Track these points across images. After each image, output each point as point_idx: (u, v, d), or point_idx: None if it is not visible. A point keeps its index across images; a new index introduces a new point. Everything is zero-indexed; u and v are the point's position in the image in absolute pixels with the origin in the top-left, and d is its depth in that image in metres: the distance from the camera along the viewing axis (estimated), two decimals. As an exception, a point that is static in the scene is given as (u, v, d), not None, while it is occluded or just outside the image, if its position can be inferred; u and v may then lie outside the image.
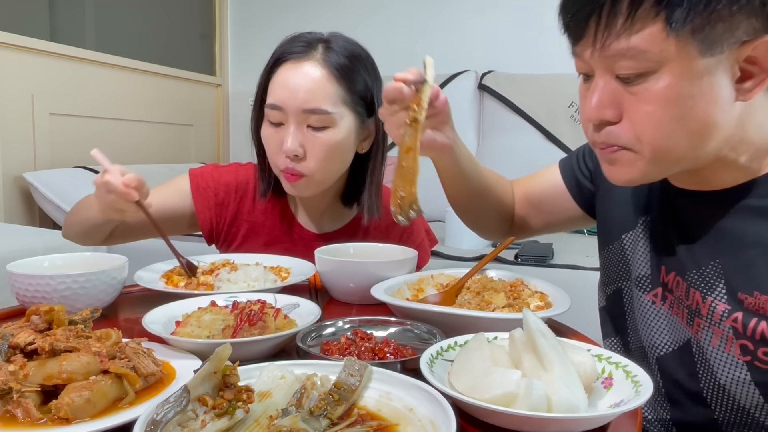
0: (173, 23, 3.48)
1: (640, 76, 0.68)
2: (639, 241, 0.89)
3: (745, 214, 0.74)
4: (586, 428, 0.54)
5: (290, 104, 1.07)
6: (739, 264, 0.73)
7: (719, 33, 0.65)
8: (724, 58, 0.66)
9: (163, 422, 0.47)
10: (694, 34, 0.64)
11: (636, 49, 0.66)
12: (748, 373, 0.73)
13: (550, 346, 0.58)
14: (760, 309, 0.71)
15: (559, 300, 0.85)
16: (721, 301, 0.74)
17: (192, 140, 3.40)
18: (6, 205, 2.34)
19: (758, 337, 0.71)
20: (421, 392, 0.55)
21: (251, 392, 0.53)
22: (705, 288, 0.76)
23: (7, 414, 0.54)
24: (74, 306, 0.83)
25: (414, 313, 0.80)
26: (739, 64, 0.67)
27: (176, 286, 0.98)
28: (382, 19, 3.38)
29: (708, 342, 0.76)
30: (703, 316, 0.76)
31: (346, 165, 1.17)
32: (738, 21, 0.65)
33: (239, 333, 0.71)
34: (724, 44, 0.65)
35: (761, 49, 0.66)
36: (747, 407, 0.76)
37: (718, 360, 0.76)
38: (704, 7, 0.63)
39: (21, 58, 2.36)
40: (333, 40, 1.12)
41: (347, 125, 1.11)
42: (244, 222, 1.25)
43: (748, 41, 0.66)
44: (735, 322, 0.73)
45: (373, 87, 1.15)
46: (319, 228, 1.26)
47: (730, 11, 0.64)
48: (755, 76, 0.68)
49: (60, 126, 2.53)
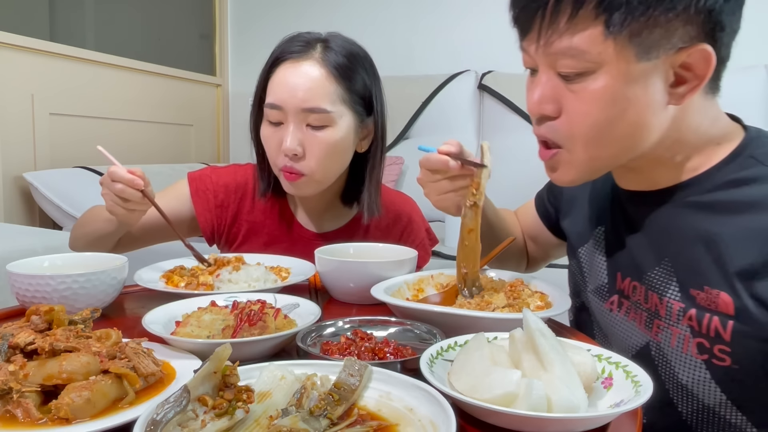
0: (173, 23, 3.48)
1: (579, 75, 0.70)
2: (594, 253, 0.91)
3: (687, 210, 0.76)
4: (586, 428, 0.54)
5: (289, 103, 1.07)
6: (687, 261, 0.75)
7: (656, 38, 0.67)
8: (659, 63, 0.68)
9: (163, 422, 0.47)
10: (632, 38, 0.67)
11: (576, 49, 0.69)
12: (707, 372, 0.74)
13: (550, 346, 0.58)
14: (711, 304, 0.72)
15: (559, 300, 0.85)
16: (676, 300, 0.76)
17: (192, 140, 3.40)
18: (6, 205, 2.34)
19: (713, 333, 0.72)
20: (421, 392, 0.55)
21: (251, 392, 0.53)
22: (660, 288, 0.78)
23: (7, 414, 0.54)
24: (74, 306, 0.83)
25: (414, 313, 0.80)
26: (674, 69, 0.69)
27: (176, 286, 0.98)
28: (382, 19, 3.38)
29: (667, 343, 0.78)
30: (662, 317, 0.78)
31: (345, 164, 1.17)
32: (674, 28, 0.67)
33: (239, 333, 0.71)
34: (661, 49, 0.68)
35: (695, 57, 0.68)
36: (712, 406, 0.77)
37: (679, 361, 0.77)
38: (642, 12, 0.66)
39: (21, 58, 2.36)
40: (331, 40, 1.13)
41: (346, 124, 1.11)
42: (244, 222, 1.25)
43: (683, 48, 0.68)
44: (690, 320, 0.74)
45: (372, 86, 1.16)
46: (319, 227, 1.26)
47: (667, 18, 0.66)
48: (689, 82, 0.70)
49: (60, 126, 2.53)
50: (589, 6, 0.67)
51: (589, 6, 0.67)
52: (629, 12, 0.66)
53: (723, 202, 0.74)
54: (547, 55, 0.72)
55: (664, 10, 0.66)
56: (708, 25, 0.68)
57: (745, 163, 0.74)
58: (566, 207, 1.02)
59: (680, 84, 0.71)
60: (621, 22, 0.66)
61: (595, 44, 0.68)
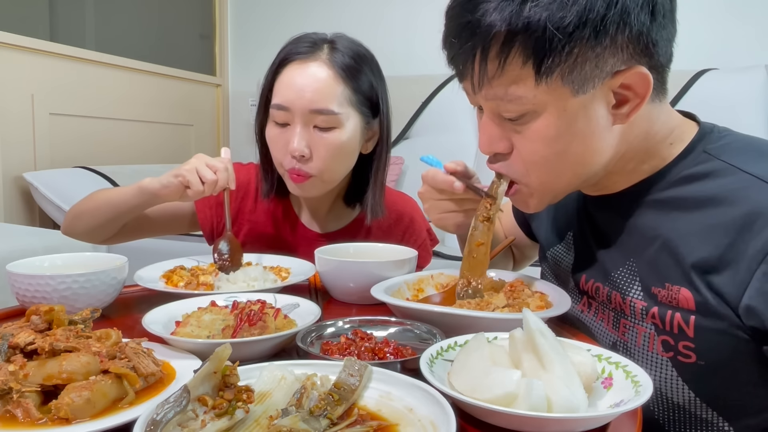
0: (173, 23, 3.48)
1: (522, 116, 0.72)
2: (563, 257, 0.93)
3: (646, 209, 0.78)
4: (586, 428, 0.54)
5: (297, 104, 1.07)
6: (648, 259, 0.76)
7: (588, 73, 0.68)
8: (597, 91, 0.69)
9: (163, 422, 0.47)
10: (564, 78, 0.68)
11: (512, 95, 0.70)
12: (674, 370, 0.75)
13: (550, 346, 0.58)
14: (672, 300, 0.72)
15: (559, 300, 0.85)
16: (638, 299, 0.77)
17: (192, 140, 3.40)
18: (6, 205, 2.34)
19: (676, 329, 0.72)
20: (421, 392, 0.55)
21: (251, 392, 0.53)
22: (623, 288, 0.79)
23: (7, 414, 0.54)
24: (74, 306, 0.83)
25: (414, 313, 0.80)
26: (614, 90, 0.70)
27: (176, 286, 0.98)
28: (382, 19, 3.38)
29: (634, 342, 0.78)
30: (628, 316, 0.79)
31: (351, 165, 1.17)
32: (605, 59, 0.68)
33: (239, 333, 0.71)
34: (595, 80, 0.69)
35: (633, 79, 0.69)
36: (681, 404, 0.77)
37: (645, 360, 0.77)
38: (568, 53, 0.66)
39: (21, 58, 2.36)
40: (338, 41, 1.12)
41: (353, 126, 1.11)
42: (246, 222, 1.24)
43: (619, 71, 0.69)
44: (654, 318, 0.75)
45: (378, 87, 1.15)
46: (323, 228, 1.26)
47: (595, 53, 0.67)
48: (630, 101, 0.71)
49: (60, 126, 2.54)
50: (515, 55, 0.67)
51: (515, 55, 0.67)
52: (554, 56, 0.66)
53: (679, 199, 0.75)
54: (487, 100, 0.74)
55: (590, 47, 0.66)
56: (639, 47, 0.68)
57: (698, 158, 0.75)
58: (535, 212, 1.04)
59: (623, 104, 0.71)
60: (549, 68, 0.67)
61: (529, 89, 0.69)
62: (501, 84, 0.70)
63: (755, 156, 0.73)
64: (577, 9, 0.65)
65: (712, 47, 2.72)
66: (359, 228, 1.26)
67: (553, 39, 0.65)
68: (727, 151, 0.74)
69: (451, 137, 3.08)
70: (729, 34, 2.76)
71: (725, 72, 2.64)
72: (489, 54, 0.69)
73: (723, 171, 0.72)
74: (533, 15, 0.65)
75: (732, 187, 0.70)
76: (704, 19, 2.72)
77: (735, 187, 0.70)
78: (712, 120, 0.81)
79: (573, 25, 0.65)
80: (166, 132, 3.18)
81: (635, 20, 0.66)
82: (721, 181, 0.72)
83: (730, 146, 0.75)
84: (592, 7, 0.65)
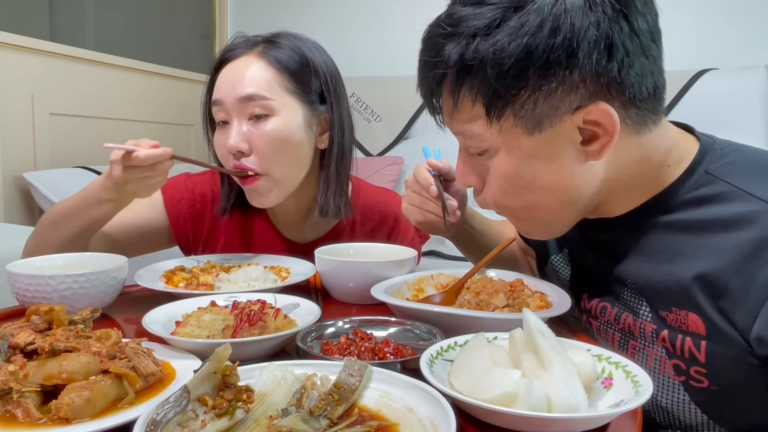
0: (173, 23, 3.48)
1: (486, 152, 0.73)
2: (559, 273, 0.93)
3: (648, 232, 0.76)
4: (586, 428, 0.54)
5: (228, 96, 1.04)
6: (653, 282, 0.74)
7: (543, 111, 0.66)
8: (557, 130, 0.68)
9: (163, 422, 0.47)
10: (516, 118, 0.67)
11: (470, 132, 0.71)
12: (686, 394, 0.73)
13: (550, 346, 0.58)
14: (682, 324, 0.71)
15: (559, 300, 0.85)
16: (648, 321, 0.75)
17: (192, 140, 3.39)
18: (6, 205, 2.34)
19: (687, 354, 0.71)
20: (421, 392, 0.55)
21: (251, 392, 0.53)
22: (633, 309, 0.77)
23: (7, 414, 0.54)
24: (74, 306, 0.83)
25: (414, 313, 0.80)
26: (579, 127, 0.68)
27: (176, 286, 0.98)
28: (382, 19, 3.38)
29: (644, 364, 0.76)
30: (637, 338, 0.77)
31: (304, 160, 1.10)
32: (559, 98, 0.66)
33: (239, 333, 0.71)
34: (552, 119, 0.67)
35: (595, 114, 0.67)
36: (694, 426, 0.76)
37: (657, 383, 0.75)
38: (514, 95, 0.66)
39: (21, 58, 2.36)
40: (274, 37, 1.10)
41: (292, 114, 1.06)
42: (222, 233, 1.20)
43: (580, 108, 0.67)
44: (664, 342, 0.73)
45: (325, 75, 1.10)
46: (301, 237, 1.22)
47: (546, 92, 0.65)
48: (600, 137, 0.68)
49: (60, 126, 2.53)
50: (465, 94, 0.68)
51: (465, 94, 0.68)
52: (501, 98, 0.66)
53: (684, 222, 0.73)
54: (454, 133, 0.75)
55: (538, 86, 0.65)
56: (599, 85, 0.66)
57: (701, 180, 0.73)
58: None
59: (593, 140, 0.69)
60: (499, 109, 0.67)
61: (483, 129, 0.69)
62: (458, 121, 0.72)
63: (762, 177, 0.71)
64: (517, 48, 0.64)
65: (712, 47, 2.72)
66: (341, 234, 1.22)
67: (498, 78, 0.65)
68: (732, 171, 0.72)
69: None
70: (729, 34, 2.76)
71: (725, 72, 2.64)
72: (443, 92, 0.71)
73: (729, 195, 0.70)
74: (480, 53, 0.65)
75: (740, 211, 0.68)
76: (704, 19, 2.72)
77: (743, 212, 0.68)
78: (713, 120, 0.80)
79: (516, 64, 0.64)
80: (166, 132, 3.18)
81: (586, 60, 0.64)
82: (728, 206, 0.69)
83: (735, 165, 0.73)
84: (534, 46, 0.63)
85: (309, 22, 3.37)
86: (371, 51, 3.36)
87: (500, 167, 0.72)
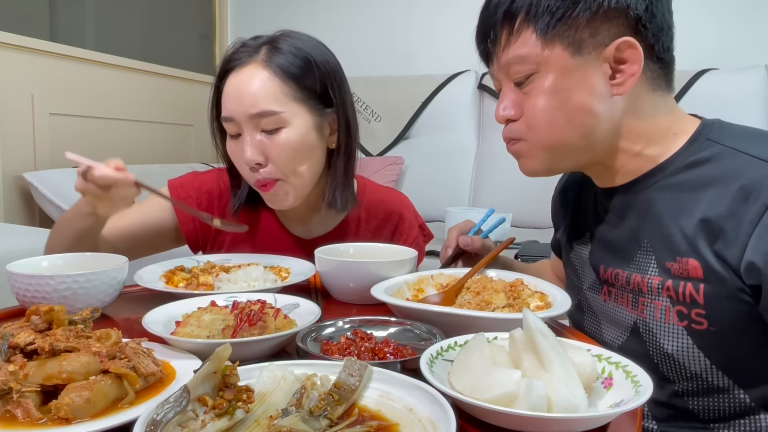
0: (173, 23, 3.48)
1: (528, 77, 0.83)
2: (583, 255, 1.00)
3: (656, 194, 0.85)
4: (586, 428, 0.54)
5: (238, 113, 1.05)
6: (661, 238, 0.82)
7: (583, 37, 0.80)
8: (593, 58, 0.80)
9: (163, 422, 0.47)
10: (561, 39, 0.80)
11: (519, 56, 0.82)
12: (689, 338, 0.81)
13: (550, 346, 0.58)
14: (684, 272, 0.79)
15: (559, 300, 0.85)
16: (654, 275, 0.83)
17: (192, 140, 3.40)
18: (6, 205, 2.34)
19: (688, 299, 0.79)
20: (421, 392, 0.55)
21: (251, 392, 0.53)
22: (642, 268, 0.85)
23: (7, 414, 0.54)
24: (74, 306, 0.83)
25: (414, 313, 0.80)
26: (609, 63, 0.80)
27: (176, 286, 0.98)
28: (382, 19, 3.38)
29: (652, 317, 0.84)
30: (645, 294, 0.85)
31: (318, 164, 1.12)
32: (597, 27, 0.79)
33: (239, 333, 0.71)
34: (590, 46, 0.80)
35: (623, 48, 0.79)
36: (698, 373, 0.82)
37: (663, 332, 0.83)
38: (562, 15, 0.79)
39: (21, 58, 2.36)
40: (279, 39, 1.09)
41: (302, 122, 1.07)
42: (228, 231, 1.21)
43: (611, 43, 0.79)
44: (669, 291, 0.81)
45: (327, 78, 1.10)
46: (308, 233, 1.23)
47: (588, 19, 0.79)
48: (625, 72, 0.81)
49: (60, 126, 2.53)
50: (520, 20, 0.81)
51: (520, 20, 0.81)
52: (552, 17, 0.79)
53: (686, 181, 0.82)
54: (502, 68, 0.86)
55: (582, 11, 0.79)
56: (628, 21, 0.79)
57: (702, 146, 0.83)
58: (557, 222, 1.11)
59: (619, 76, 0.81)
60: (547, 27, 0.80)
61: (533, 48, 0.81)
62: (513, 46, 0.83)
63: (754, 139, 0.81)
64: None
65: (712, 47, 2.72)
66: (347, 231, 1.23)
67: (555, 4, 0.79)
68: (728, 136, 0.82)
69: (451, 137, 3.08)
70: (729, 34, 2.76)
71: (725, 72, 2.64)
72: (503, 22, 0.83)
73: (725, 154, 0.80)
74: None
75: (732, 167, 0.78)
76: (704, 19, 2.73)
77: (734, 167, 0.77)
78: (713, 120, 0.86)
79: None
80: (166, 132, 3.18)
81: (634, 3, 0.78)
82: (723, 163, 0.79)
83: (732, 131, 0.83)
84: None
85: (309, 22, 3.38)
86: (371, 51, 3.37)
87: (542, 86, 0.82)
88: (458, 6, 3.19)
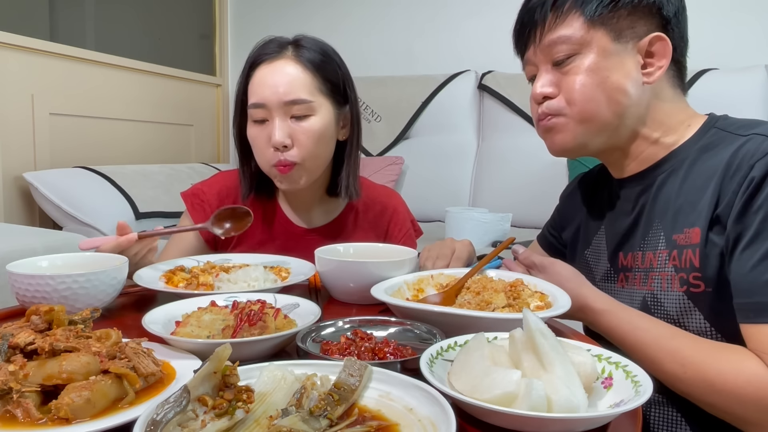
0: (173, 23, 3.48)
1: (569, 57, 0.90)
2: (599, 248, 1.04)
3: (669, 177, 0.92)
4: (586, 428, 0.54)
5: (272, 99, 1.14)
6: (671, 216, 0.89)
7: (624, 26, 0.89)
8: (629, 47, 0.89)
9: (163, 422, 0.47)
10: (605, 24, 0.89)
11: (564, 36, 0.90)
12: (689, 301, 0.86)
13: (550, 346, 0.58)
14: (688, 240, 0.85)
15: (559, 300, 0.85)
16: (662, 249, 0.90)
17: (192, 140, 3.40)
18: (6, 205, 2.34)
19: (688, 265, 0.85)
20: (421, 392, 0.55)
21: (251, 392, 0.53)
22: (653, 247, 0.91)
23: (7, 414, 0.54)
24: (74, 306, 0.83)
25: (414, 313, 0.80)
26: (641, 54, 0.89)
27: (176, 286, 0.98)
28: (382, 19, 3.38)
29: (659, 288, 0.90)
30: (655, 268, 0.91)
31: (330, 151, 1.24)
32: (636, 19, 0.89)
33: (239, 333, 0.71)
34: (628, 36, 0.89)
35: (654, 42, 0.89)
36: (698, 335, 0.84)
37: (668, 299, 0.88)
38: (609, 3, 0.88)
39: (21, 58, 2.36)
40: (302, 40, 1.21)
41: (326, 112, 1.18)
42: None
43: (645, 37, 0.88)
44: (674, 260, 0.87)
45: (344, 77, 1.23)
46: (309, 223, 1.30)
47: (629, 10, 0.88)
48: (654, 65, 0.90)
49: (60, 126, 2.53)
50: (568, 5, 0.90)
51: (568, 5, 0.90)
52: (600, 4, 0.88)
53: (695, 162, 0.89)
54: (544, 49, 0.92)
55: (625, 3, 0.88)
56: (660, 20, 0.89)
57: (710, 133, 0.91)
58: (566, 221, 1.16)
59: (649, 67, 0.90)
60: (594, 11, 0.88)
61: (578, 30, 0.89)
62: (558, 29, 0.90)
63: (754, 126, 0.87)
64: None
65: (712, 47, 2.72)
66: (346, 221, 1.32)
67: None
68: (733, 124, 0.90)
69: (451, 137, 3.08)
70: (729, 34, 2.76)
71: (725, 72, 2.64)
72: (553, 6, 0.90)
73: (727, 138, 0.87)
74: None
75: (731, 147, 0.85)
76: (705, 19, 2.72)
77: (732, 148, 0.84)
78: (713, 120, 0.94)
79: None
80: (166, 132, 3.18)
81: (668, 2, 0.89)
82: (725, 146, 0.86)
83: (738, 121, 0.91)
84: None
85: (309, 22, 3.38)
86: (371, 51, 3.36)
87: (583, 65, 0.89)
88: (458, 6, 3.19)
